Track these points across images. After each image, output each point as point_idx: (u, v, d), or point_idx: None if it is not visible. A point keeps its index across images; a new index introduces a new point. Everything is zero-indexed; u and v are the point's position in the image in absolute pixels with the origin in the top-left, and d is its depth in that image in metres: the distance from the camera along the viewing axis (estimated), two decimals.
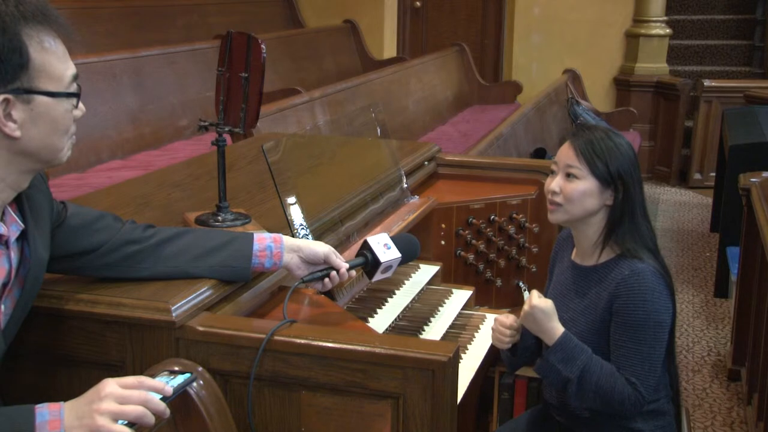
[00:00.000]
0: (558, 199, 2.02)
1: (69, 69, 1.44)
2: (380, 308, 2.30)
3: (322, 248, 1.86)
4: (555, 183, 2.03)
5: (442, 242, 2.84)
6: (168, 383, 1.42)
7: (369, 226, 2.45)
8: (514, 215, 2.95)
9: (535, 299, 1.96)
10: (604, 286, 2.00)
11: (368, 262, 1.96)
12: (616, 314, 1.96)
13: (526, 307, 1.96)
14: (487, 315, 2.60)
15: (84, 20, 5.14)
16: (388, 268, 1.97)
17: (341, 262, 1.88)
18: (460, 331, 2.47)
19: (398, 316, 2.32)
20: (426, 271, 2.63)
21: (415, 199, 2.76)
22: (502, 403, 2.60)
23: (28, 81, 1.38)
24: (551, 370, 1.96)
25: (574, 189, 1.99)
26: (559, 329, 1.96)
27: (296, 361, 1.58)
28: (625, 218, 2.00)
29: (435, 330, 2.36)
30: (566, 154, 2.03)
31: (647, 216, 2.06)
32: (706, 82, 6.94)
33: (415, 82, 6.11)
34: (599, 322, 2.00)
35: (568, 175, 2.01)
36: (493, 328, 2.09)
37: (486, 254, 2.90)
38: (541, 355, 2.01)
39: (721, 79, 7.32)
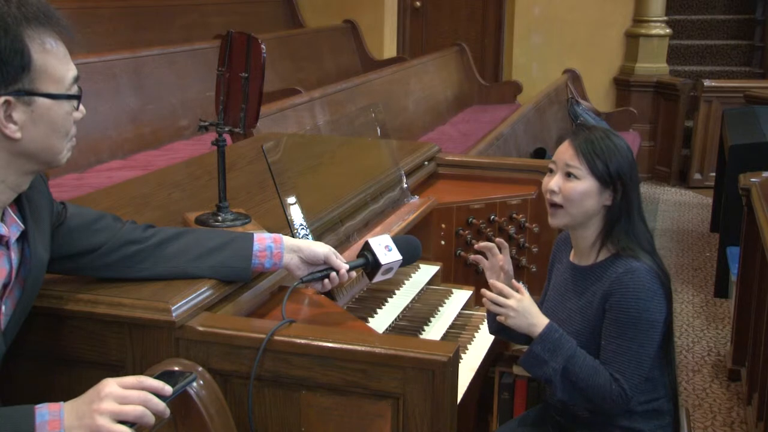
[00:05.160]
0: (557, 198, 2.01)
1: (70, 71, 1.44)
2: (380, 308, 2.30)
3: (322, 249, 1.86)
4: (554, 182, 2.02)
5: (442, 242, 2.84)
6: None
7: (369, 226, 2.46)
8: (514, 215, 2.95)
9: (518, 296, 1.97)
10: (599, 284, 2.00)
11: (369, 263, 1.96)
12: (609, 311, 1.96)
13: (511, 303, 1.96)
14: None
15: (84, 20, 5.14)
16: (388, 269, 1.97)
17: (341, 263, 1.88)
18: (460, 331, 2.47)
19: (398, 316, 2.32)
20: (426, 271, 2.63)
21: (415, 199, 2.76)
22: (502, 403, 2.60)
23: (29, 83, 1.38)
24: (537, 360, 1.96)
25: (573, 189, 1.99)
26: (543, 321, 1.97)
27: (296, 361, 1.58)
28: (623, 219, 2.00)
29: (435, 330, 2.36)
30: (566, 153, 2.02)
31: (643, 217, 2.05)
32: (706, 82, 6.94)
33: (415, 82, 6.11)
34: (594, 320, 2.00)
35: (568, 175, 2.00)
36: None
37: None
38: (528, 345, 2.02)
39: (721, 79, 7.32)
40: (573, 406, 2.05)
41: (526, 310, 1.97)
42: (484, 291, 2.03)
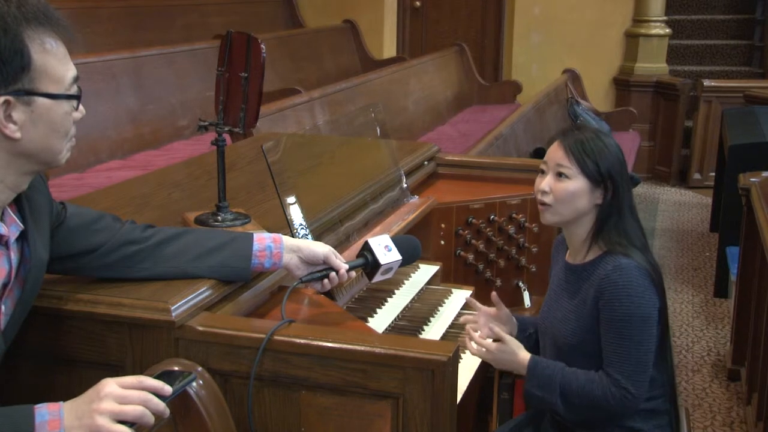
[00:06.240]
0: (547, 199, 2.03)
1: (70, 71, 1.44)
2: (380, 308, 2.30)
3: (321, 249, 1.86)
4: (545, 183, 2.04)
5: (442, 242, 2.84)
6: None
7: (369, 226, 2.46)
8: (514, 215, 2.95)
9: (492, 347, 2.06)
10: (590, 283, 2.01)
11: (368, 263, 1.96)
12: (602, 311, 1.97)
13: (485, 354, 2.08)
14: None
15: (84, 20, 5.14)
16: (388, 270, 1.97)
17: (341, 263, 1.88)
18: (460, 331, 2.46)
19: (398, 316, 2.32)
20: (426, 271, 2.63)
21: (415, 199, 2.76)
22: (502, 403, 2.60)
23: (29, 83, 1.38)
24: (535, 398, 2.03)
25: (564, 189, 2.00)
26: (524, 361, 2.03)
27: (296, 361, 1.58)
28: (613, 216, 2.02)
29: (435, 330, 2.36)
30: (556, 154, 2.03)
31: (636, 215, 2.07)
32: (706, 82, 6.94)
33: (414, 82, 6.11)
34: (588, 318, 2.00)
35: (559, 175, 2.02)
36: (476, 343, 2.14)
37: (486, 254, 2.90)
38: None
39: (721, 79, 7.32)
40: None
41: (501, 359, 2.07)
42: (463, 340, 2.17)
